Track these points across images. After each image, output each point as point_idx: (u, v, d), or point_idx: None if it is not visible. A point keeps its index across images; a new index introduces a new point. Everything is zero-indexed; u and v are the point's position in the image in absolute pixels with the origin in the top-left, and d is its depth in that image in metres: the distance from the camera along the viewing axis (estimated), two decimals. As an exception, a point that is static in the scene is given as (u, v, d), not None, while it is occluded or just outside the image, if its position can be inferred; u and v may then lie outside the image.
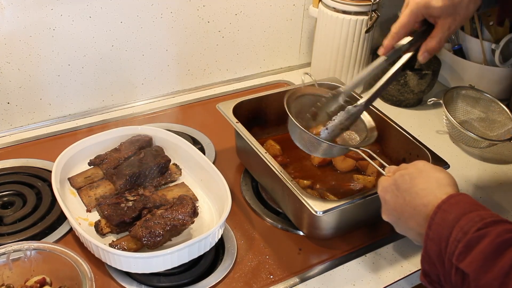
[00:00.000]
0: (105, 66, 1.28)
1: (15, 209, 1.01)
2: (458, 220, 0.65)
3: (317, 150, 0.93)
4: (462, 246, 0.62)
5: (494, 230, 0.62)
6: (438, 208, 0.68)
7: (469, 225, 0.63)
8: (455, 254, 0.63)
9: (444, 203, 0.69)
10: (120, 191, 1.02)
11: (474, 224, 0.63)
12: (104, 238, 0.95)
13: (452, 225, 0.65)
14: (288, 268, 0.94)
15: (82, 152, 1.09)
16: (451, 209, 0.67)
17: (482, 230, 0.62)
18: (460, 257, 0.62)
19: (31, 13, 1.12)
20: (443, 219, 0.67)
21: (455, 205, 0.68)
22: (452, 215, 0.66)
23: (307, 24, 1.52)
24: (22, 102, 1.22)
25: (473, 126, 1.29)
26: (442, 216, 0.67)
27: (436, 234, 0.67)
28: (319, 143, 0.91)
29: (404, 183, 0.76)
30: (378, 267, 0.95)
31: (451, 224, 0.65)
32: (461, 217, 0.65)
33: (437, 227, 0.67)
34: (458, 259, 0.62)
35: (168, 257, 0.87)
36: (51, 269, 0.84)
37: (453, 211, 0.67)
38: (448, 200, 0.69)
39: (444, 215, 0.67)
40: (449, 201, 0.69)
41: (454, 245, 0.63)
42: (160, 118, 1.33)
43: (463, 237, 0.63)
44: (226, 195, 0.96)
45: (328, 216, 0.93)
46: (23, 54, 1.16)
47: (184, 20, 1.32)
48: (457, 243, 0.63)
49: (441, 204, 0.69)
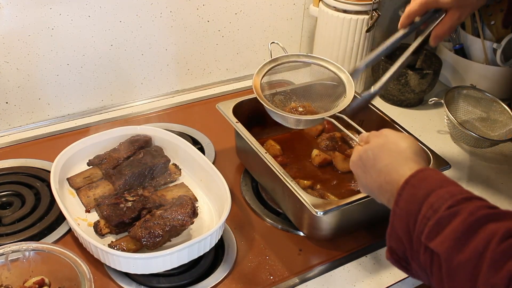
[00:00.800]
0: (104, 66, 1.28)
1: (14, 210, 1.01)
2: (427, 197, 0.62)
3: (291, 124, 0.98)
4: (432, 224, 0.60)
5: (466, 207, 0.59)
6: (406, 183, 0.66)
7: (439, 202, 0.61)
8: (424, 232, 0.61)
9: (412, 177, 0.66)
10: (119, 192, 1.02)
11: (444, 201, 0.61)
12: (103, 238, 0.95)
13: (421, 202, 0.63)
14: (288, 269, 0.94)
15: (81, 152, 1.09)
16: (420, 184, 0.65)
17: (453, 208, 0.60)
18: (430, 236, 0.60)
19: (29, 12, 1.12)
20: (411, 195, 0.65)
21: (423, 180, 0.65)
22: (421, 191, 0.64)
23: (308, 24, 1.52)
24: (20, 102, 1.22)
25: (474, 126, 1.29)
26: (410, 192, 0.65)
27: (404, 210, 0.65)
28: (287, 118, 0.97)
29: (368, 159, 0.75)
30: (379, 268, 0.95)
31: (420, 200, 0.63)
32: (431, 193, 0.63)
33: (404, 203, 0.65)
34: (427, 238, 0.60)
35: (167, 257, 0.87)
36: (50, 270, 0.84)
37: (421, 187, 0.64)
38: (417, 175, 0.66)
39: (412, 191, 0.65)
40: (417, 176, 0.66)
41: (423, 223, 0.61)
42: (160, 118, 1.33)
43: (433, 215, 0.61)
44: (226, 196, 0.96)
45: (328, 217, 0.93)
46: (21, 53, 1.16)
47: (183, 19, 1.32)
48: (427, 221, 0.61)
49: (409, 179, 0.66)
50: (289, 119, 0.98)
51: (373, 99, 0.99)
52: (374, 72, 1.44)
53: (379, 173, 0.73)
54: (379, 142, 0.76)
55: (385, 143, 0.75)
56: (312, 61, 1.07)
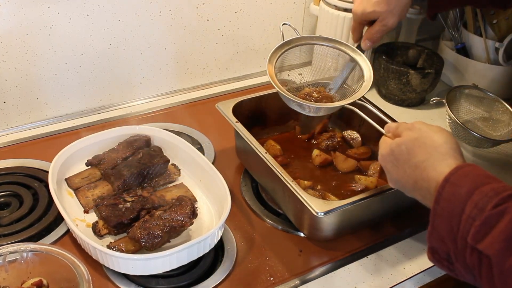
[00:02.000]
0: (102, 65, 1.28)
1: (12, 210, 1.01)
2: (471, 195, 0.60)
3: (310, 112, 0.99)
4: (479, 224, 0.58)
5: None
6: (446, 181, 0.64)
7: (484, 201, 0.59)
8: (471, 233, 0.58)
9: (452, 175, 0.64)
10: (118, 192, 1.02)
11: (489, 199, 0.59)
12: (102, 239, 0.95)
13: (464, 200, 0.60)
14: (288, 270, 0.94)
15: (80, 152, 1.09)
16: (461, 182, 0.63)
17: (500, 207, 0.57)
18: (477, 237, 0.58)
19: (27, 11, 1.12)
20: (453, 194, 0.62)
21: (464, 177, 0.63)
22: (463, 189, 0.62)
23: (308, 23, 1.52)
24: (18, 102, 1.22)
25: (476, 125, 1.29)
26: (451, 190, 0.63)
27: (446, 210, 0.63)
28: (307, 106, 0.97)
29: (402, 154, 0.73)
30: (380, 269, 0.95)
31: (463, 199, 0.61)
32: (474, 191, 0.60)
33: (446, 202, 0.63)
34: (474, 239, 0.58)
35: (166, 259, 0.87)
36: (48, 271, 0.83)
37: (463, 185, 0.62)
38: (456, 172, 0.64)
39: (454, 189, 0.63)
40: (457, 173, 0.64)
41: (469, 223, 0.59)
42: (159, 117, 1.33)
43: (478, 215, 0.58)
44: (225, 196, 0.96)
45: (329, 217, 0.93)
46: (19, 52, 1.16)
47: (183, 18, 1.32)
48: (472, 221, 0.59)
49: (448, 177, 0.64)
50: (308, 107, 0.97)
51: None
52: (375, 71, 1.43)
53: (415, 169, 0.71)
54: (412, 135, 0.74)
55: (419, 137, 0.73)
56: (326, 44, 1.07)
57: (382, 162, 0.79)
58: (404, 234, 1.02)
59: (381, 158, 0.79)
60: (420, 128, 0.75)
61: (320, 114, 1.01)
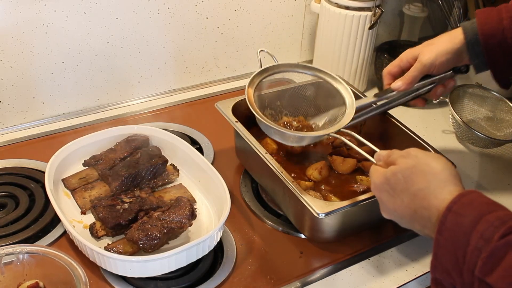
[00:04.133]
0: (100, 64, 1.28)
1: (7, 211, 1.01)
2: (476, 225, 0.58)
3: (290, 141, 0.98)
4: (486, 257, 0.56)
5: None
6: (448, 211, 0.62)
7: (490, 231, 0.57)
8: (478, 265, 0.57)
9: (454, 203, 0.62)
10: (115, 193, 1.02)
11: (495, 229, 0.57)
12: (99, 241, 0.95)
13: (469, 231, 0.59)
14: (289, 272, 0.94)
15: (77, 153, 1.09)
16: (465, 212, 0.61)
17: (507, 237, 0.56)
18: (485, 270, 0.56)
19: (23, 9, 1.12)
20: (457, 224, 0.61)
21: (468, 206, 0.61)
22: (467, 218, 0.60)
23: (309, 20, 1.52)
24: (14, 101, 1.22)
25: (480, 125, 1.29)
26: (454, 220, 0.61)
27: (450, 241, 0.61)
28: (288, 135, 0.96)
29: (398, 183, 0.71)
30: (382, 271, 0.95)
31: (468, 229, 0.59)
32: (478, 221, 0.58)
33: (449, 233, 0.61)
34: (482, 272, 0.56)
35: (165, 261, 0.87)
36: (45, 273, 0.83)
37: (467, 214, 0.60)
38: (459, 200, 0.63)
39: (457, 219, 0.61)
40: (460, 201, 0.62)
41: (475, 255, 0.57)
42: (157, 117, 1.33)
43: (485, 246, 0.56)
44: (225, 197, 0.96)
45: (330, 219, 0.93)
46: (15, 51, 1.16)
47: (181, 16, 1.32)
48: (479, 252, 0.57)
49: (451, 206, 0.62)
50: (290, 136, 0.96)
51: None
52: (377, 70, 1.44)
53: (413, 198, 0.68)
54: (409, 163, 0.71)
55: (416, 164, 0.70)
56: (305, 71, 1.06)
57: (375, 191, 0.76)
58: (406, 235, 1.02)
59: (374, 187, 0.76)
60: (416, 155, 0.73)
61: (303, 143, 0.99)
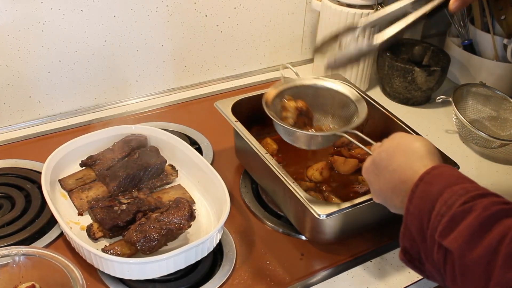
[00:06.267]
0: (97, 62, 1.28)
1: (3, 212, 1.01)
2: (442, 193, 0.63)
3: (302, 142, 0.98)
4: (446, 221, 0.60)
5: (481, 203, 0.59)
6: (420, 180, 0.67)
7: (453, 199, 0.61)
8: (438, 230, 0.61)
9: (427, 174, 0.67)
10: (113, 194, 1.02)
11: (458, 197, 0.61)
12: (97, 242, 0.95)
13: (435, 198, 0.63)
14: (289, 274, 0.94)
15: (74, 153, 1.09)
16: (434, 181, 0.65)
17: (467, 204, 0.60)
18: (443, 233, 0.60)
19: (19, 6, 1.12)
20: (425, 192, 0.65)
21: (438, 176, 0.66)
22: (435, 187, 0.64)
23: (310, 18, 1.52)
24: (10, 100, 1.22)
25: (484, 125, 1.29)
26: (423, 189, 0.65)
27: (417, 208, 0.65)
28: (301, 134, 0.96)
29: (382, 160, 0.75)
30: (384, 273, 0.95)
31: (434, 197, 0.63)
32: (445, 190, 0.63)
33: (418, 200, 0.65)
34: (441, 235, 0.60)
35: (163, 263, 0.87)
36: (41, 275, 0.84)
37: (435, 183, 0.65)
38: (431, 172, 0.67)
39: (426, 188, 0.65)
40: (432, 173, 0.67)
41: (437, 220, 0.61)
42: (156, 116, 1.33)
43: (447, 212, 0.61)
44: (224, 198, 0.96)
45: (331, 220, 0.93)
46: (11, 49, 1.16)
47: (180, 14, 1.32)
48: (441, 217, 0.61)
49: (423, 176, 0.67)
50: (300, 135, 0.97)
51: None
52: (379, 69, 1.44)
53: (393, 173, 0.73)
54: (392, 143, 0.76)
55: (399, 144, 0.75)
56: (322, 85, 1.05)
57: (365, 174, 0.81)
58: (409, 237, 1.02)
59: (364, 170, 0.81)
60: (401, 136, 0.78)
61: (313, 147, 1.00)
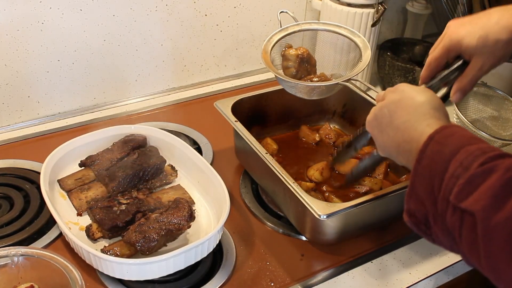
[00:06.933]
0: (96, 62, 1.28)
1: (2, 213, 1.01)
2: (456, 154, 0.60)
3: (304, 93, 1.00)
4: (463, 183, 0.58)
5: (502, 164, 0.56)
6: (430, 139, 0.64)
7: (469, 159, 0.59)
8: (454, 192, 0.58)
9: (437, 133, 0.65)
10: (112, 194, 1.02)
11: (475, 158, 0.58)
12: (96, 243, 0.95)
13: (448, 159, 0.60)
14: (290, 275, 0.94)
15: (73, 153, 1.09)
16: (446, 141, 0.63)
17: (487, 165, 0.57)
18: (460, 196, 0.58)
19: (18, 5, 1.12)
20: (436, 152, 0.63)
21: (450, 136, 0.63)
22: (447, 147, 0.62)
23: (310, 18, 1.52)
24: (9, 100, 1.22)
25: (485, 125, 1.29)
26: (434, 149, 0.63)
27: (427, 169, 0.63)
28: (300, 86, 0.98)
29: (384, 117, 0.74)
30: (385, 274, 0.95)
31: (447, 157, 0.61)
32: (459, 150, 0.60)
33: (428, 161, 0.63)
34: (457, 198, 0.58)
35: (163, 263, 0.87)
36: (40, 276, 0.83)
37: (448, 143, 0.62)
38: (442, 131, 0.65)
39: (438, 147, 0.63)
40: (442, 132, 0.64)
41: (452, 182, 0.59)
42: (155, 116, 1.33)
43: (463, 173, 0.58)
44: (224, 198, 0.96)
45: (332, 220, 0.93)
46: (10, 49, 1.16)
47: (180, 13, 1.32)
48: (456, 179, 0.59)
49: (433, 135, 0.64)
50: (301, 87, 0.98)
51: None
52: (380, 68, 1.44)
53: (396, 131, 0.71)
54: (395, 97, 0.74)
55: (401, 99, 0.73)
56: (324, 28, 1.07)
57: (368, 128, 0.79)
58: (410, 238, 1.02)
59: (367, 124, 0.79)
60: (403, 89, 0.75)
61: (315, 96, 1.01)
